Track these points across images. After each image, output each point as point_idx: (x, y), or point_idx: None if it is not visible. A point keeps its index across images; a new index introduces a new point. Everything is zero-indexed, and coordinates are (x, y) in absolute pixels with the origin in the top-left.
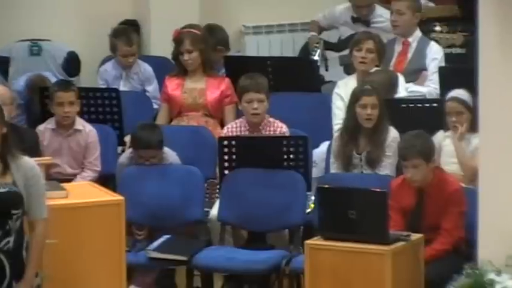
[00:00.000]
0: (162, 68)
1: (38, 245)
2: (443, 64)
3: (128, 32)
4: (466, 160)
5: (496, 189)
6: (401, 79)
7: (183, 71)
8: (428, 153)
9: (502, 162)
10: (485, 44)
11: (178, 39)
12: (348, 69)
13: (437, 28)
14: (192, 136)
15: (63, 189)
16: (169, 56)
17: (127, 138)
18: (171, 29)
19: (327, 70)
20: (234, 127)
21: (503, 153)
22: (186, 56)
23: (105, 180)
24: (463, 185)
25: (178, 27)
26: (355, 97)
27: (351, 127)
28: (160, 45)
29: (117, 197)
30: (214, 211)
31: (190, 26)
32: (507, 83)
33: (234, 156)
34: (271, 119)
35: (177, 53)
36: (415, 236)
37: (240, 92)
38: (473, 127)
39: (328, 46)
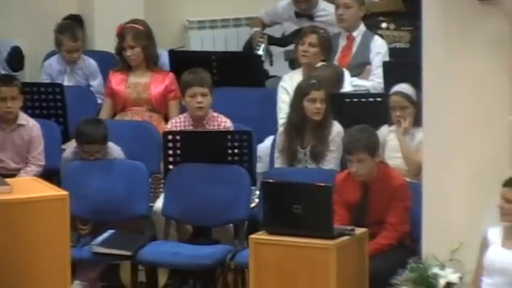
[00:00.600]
0: (106, 62)
1: None
2: (387, 58)
3: (72, 28)
4: (410, 154)
5: (439, 183)
6: (346, 74)
7: (127, 66)
8: (373, 147)
9: (445, 156)
10: (429, 39)
11: (121, 35)
12: (293, 64)
13: (384, 25)
14: (136, 131)
15: (6, 184)
16: (113, 51)
17: None
18: (115, 24)
19: (271, 65)
20: (178, 122)
21: (447, 148)
22: (128, 52)
23: (50, 175)
24: (408, 179)
25: (123, 22)
26: (303, 91)
27: (296, 122)
28: (105, 40)
29: (62, 192)
30: (158, 206)
31: (134, 21)
32: (451, 78)
33: (178, 151)
34: (215, 114)
35: (120, 48)
36: (360, 231)
37: (183, 87)
38: (417, 121)
39: (272, 41)
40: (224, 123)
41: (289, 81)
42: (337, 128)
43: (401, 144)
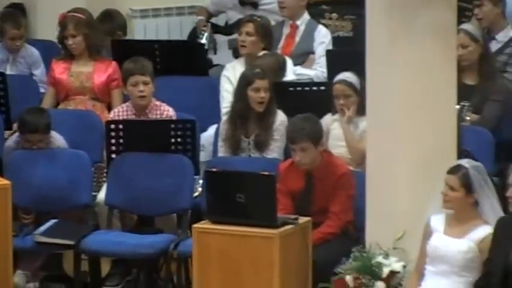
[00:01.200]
0: (49, 51)
1: None
2: (330, 47)
3: (15, 15)
4: (353, 143)
5: (383, 172)
6: (289, 62)
7: (69, 55)
8: (317, 136)
9: (389, 145)
10: (373, 28)
11: (62, 24)
12: (237, 53)
13: (327, 15)
14: (79, 120)
15: None
16: (56, 39)
17: None
18: (58, 13)
19: (215, 53)
20: (121, 111)
21: (391, 136)
22: (70, 41)
23: None
24: (351, 168)
25: (65, 10)
26: (247, 80)
27: (240, 110)
28: (47, 28)
29: (4, 182)
30: (101, 195)
31: (75, 10)
32: (394, 66)
33: (121, 140)
34: (158, 103)
35: (62, 37)
36: (303, 220)
37: (125, 76)
38: (361, 110)
39: (216, 29)
40: (167, 112)
41: (232, 70)
42: (280, 117)
43: (345, 133)
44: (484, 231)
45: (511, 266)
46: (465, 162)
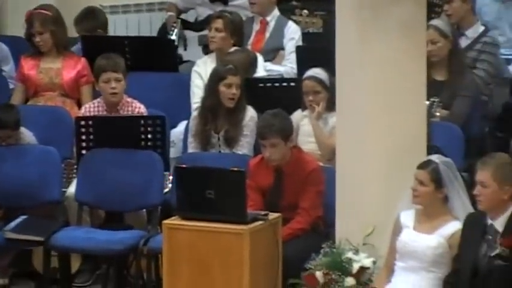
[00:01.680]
0: (18, 47)
1: None
2: (300, 43)
3: None
4: (323, 139)
5: (353, 168)
6: (259, 58)
7: (38, 52)
8: (287, 132)
9: (359, 141)
10: (342, 24)
11: (29, 21)
12: (207, 49)
13: (298, 11)
14: (49, 116)
15: None
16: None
17: None
18: (28, 9)
19: (185, 50)
20: (91, 107)
21: (360, 133)
22: (37, 38)
23: None
24: (321, 164)
25: (35, 7)
26: (219, 76)
27: (210, 106)
28: (17, 24)
29: None
30: (71, 191)
31: (42, 6)
32: (364, 63)
33: (91, 136)
34: (129, 99)
35: (29, 34)
36: (273, 215)
37: (97, 72)
38: (330, 106)
39: (186, 25)
40: (138, 109)
41: (203, 66)
42: (251, 113)
43: (314, 129)
44: (453, 227)
45: (480, 262)
46: (435, 158)
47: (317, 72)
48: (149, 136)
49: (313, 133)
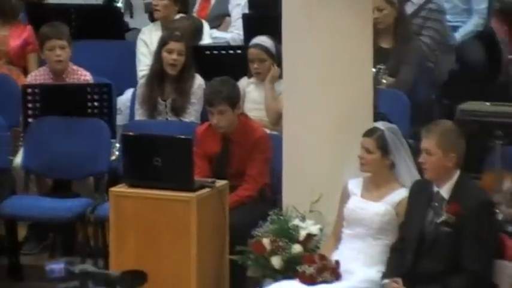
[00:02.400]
0: None
1: None
2: (246, 10)
3: None
4: (270, 106)
5: (300, 136)
6: (205, 26)
7: None
8: (234, 99)
9: (305, 109)
10: None
11: None
12: (153, 17)
13: None
14: None
15: None
16: None
17: None
18: None
19: (131, 17)
20: (38, 75)
21: (307, 100)
22: None
23: None
24: (268, 131)
25: None
26: (162, 42)
27: (156, 73)
28: None
29: None
30: (18, 159)
31: None
32: (310, 30)
33: (38, 105)
34: (75, 67)
35: None
36: (220, 183)
37: (41, 40)
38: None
39: None
40: (84, 76)
41: (148, 34)
42: (198, 80)
43: (266, 91)
44: (400, 194)
45: (426, 229)
46: (380, 125)
47: (263, 40)
48: (96, 104)
49: (265, 96)
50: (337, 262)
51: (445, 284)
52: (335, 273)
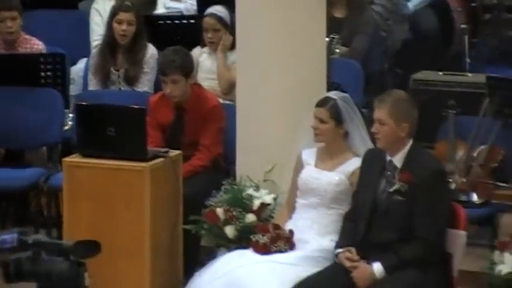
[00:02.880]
0: None
1: None
2: None
3: None
4: (222, 75)
5: (253, 105)
6: None
7: None
8: (188, 68)
9: (259, 78)
10: None
11: None
12: None
13: None
14: None
15: None
16: None
17: None
18: None
19: None
20: None
21: (260, 70)
22: None
23: None
24: (221, 100)
25: None
26: (112, 12)
27: (108, 43)
28: None
29: None
30: None
31: None
32: (263, 0)
33: None
34: (27, 36)
35: None
36: (174, 153)
37: None
38: (231, 44)
39: None
40: (37, 46)
41: (102, 3)
42: (151, 50)
43: (219, 61)
44: (354, 164)
45: (379, 198)
46: (333, 94)
47: (218, 9)
48: (49, 73)
49: (217, 65)
50: (290, 231)
51: (398, 253)
52: (289, 242)
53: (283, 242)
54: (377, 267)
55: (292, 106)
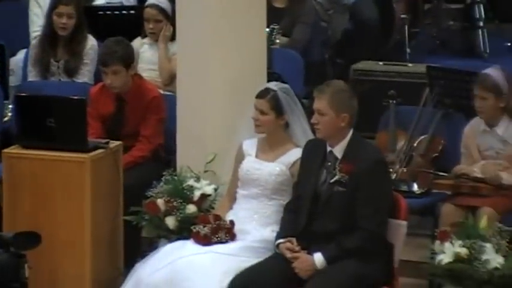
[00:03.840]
0: None
1: None
2: None
3: None
4: (163, 66)
5: (194, 96)
6: None
7: None
8: (128, 59)
9: (199, 69)
10: None
11: None
12: None
13: None
14: None
15: None
16: None
17: None
18: None
19: None
20: None
21: (201, 60)
22: None
23: None
24: (161, 91)
25: None
26: (52, 4)
27: (48, 34)
28: None
29: None
30: None
31: None
32: None
33: None
34: None
35: None
36: (114, 143)
37: None
38: (171, 35)
39: None
40: None
41: None
42: (90, 41)
43: (160, 51)
44: (295, 154)
45: (320, 188)
46: (273, 85)
47: (159, 0)
48: None
49: (158, 56)
50: (231, 222)
51: (339, 243)
52: (229, 233)
53: (223, 232)
54: (318, 258)
55: (232, 97)
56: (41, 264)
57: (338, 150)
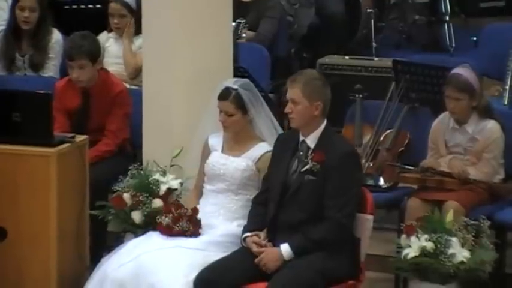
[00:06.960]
0: None
1: None
2: None
3: None
4: (128, 60)
5: (159, 90)
6: None
7: None
8: (95, 53)
9: (165, 63)
10: None
11: None
12: None
13: None
14: None
15: None
16: None
17: None
18: None
19: None
20: None
21: (166, 54)
22: None
23: None
24: (127, 85)
25: None
26: None
27: (12, 29)
28: None
29: None
30: None
31: None
32: None
33: None
34: None
35: None
36: (80, 138)
37: None
38: (136, 29)
39: None
40: None
41: None
42: (55, 35)
43: (125, 47)
44: (260, 149)
45: (290, 178)
46: (232, 83)
47: None
48: None
49: (123, 50)
50: (194, 209)
51: (306, 233)
52: (192, 221)
53: (185, 220)
54: (285, 249)
55: (198, 91)
56: (6, 259)
57: (311, 140)
